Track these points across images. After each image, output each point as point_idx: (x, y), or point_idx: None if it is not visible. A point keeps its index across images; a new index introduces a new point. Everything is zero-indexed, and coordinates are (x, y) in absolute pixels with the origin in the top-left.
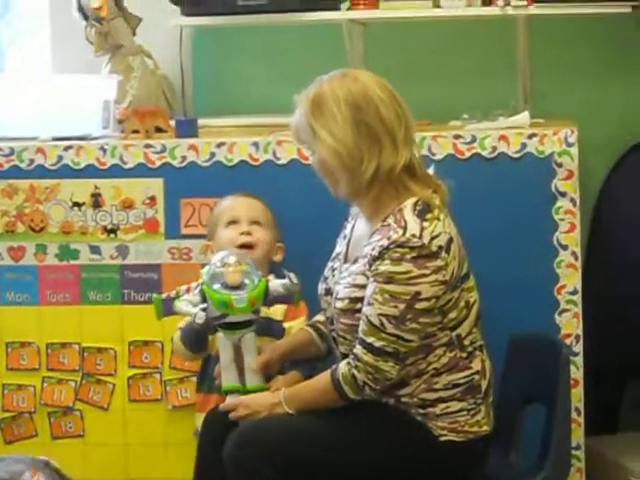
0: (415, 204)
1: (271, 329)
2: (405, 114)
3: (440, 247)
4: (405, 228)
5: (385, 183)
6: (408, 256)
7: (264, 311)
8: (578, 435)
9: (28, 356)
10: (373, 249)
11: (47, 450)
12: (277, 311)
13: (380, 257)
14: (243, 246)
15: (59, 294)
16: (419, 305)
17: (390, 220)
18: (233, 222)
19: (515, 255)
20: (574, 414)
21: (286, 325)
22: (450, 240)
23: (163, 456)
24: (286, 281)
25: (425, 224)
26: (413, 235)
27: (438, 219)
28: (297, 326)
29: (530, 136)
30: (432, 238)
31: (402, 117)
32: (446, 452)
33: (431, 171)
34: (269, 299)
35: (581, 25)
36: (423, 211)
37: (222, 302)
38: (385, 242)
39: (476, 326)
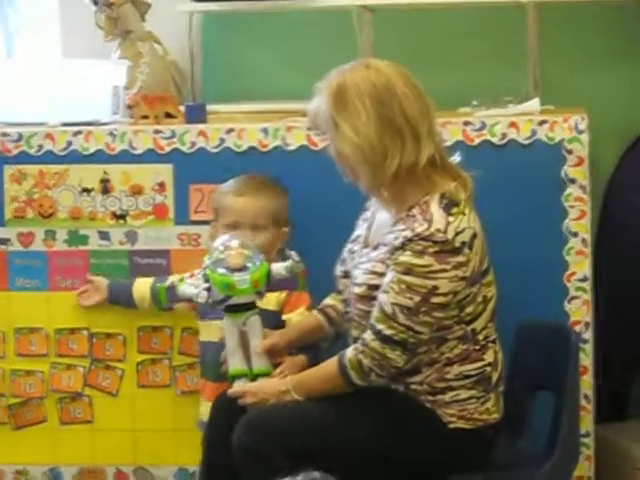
0: (442, 197)
1: (263, 319)
2: (428, 107)
3: (463, 243)
4: (430, 221)
5: (407, 177)
6: (430, 250)
7: None
8: (587, 422)
9: (37, 342)
10: (396, 238)
11: (56, 436)
12: (269, 301)
13: (402, 247)
14: None
15: (68, 280)
16: (435, 299)
17: (415, 211)
18: (234, 226)
19: (525, 242)
20: (583, 401)
21: (285, 317)
22: (474, 236)
23: (172, 442)
24: (288, 263)
25: (450, 219)
26: (438, 230)
27: (464, 214)
28: (296, 318)
29: (540, 123)
30: (456, 234)
31: (425, 111)
32: (455, 439)
33: (457, 158)
34: (273, 283)
35: (592, 12)
36: (449, 205)
37: (225, 284)
38: (409, 233)
39: (491, 321)
